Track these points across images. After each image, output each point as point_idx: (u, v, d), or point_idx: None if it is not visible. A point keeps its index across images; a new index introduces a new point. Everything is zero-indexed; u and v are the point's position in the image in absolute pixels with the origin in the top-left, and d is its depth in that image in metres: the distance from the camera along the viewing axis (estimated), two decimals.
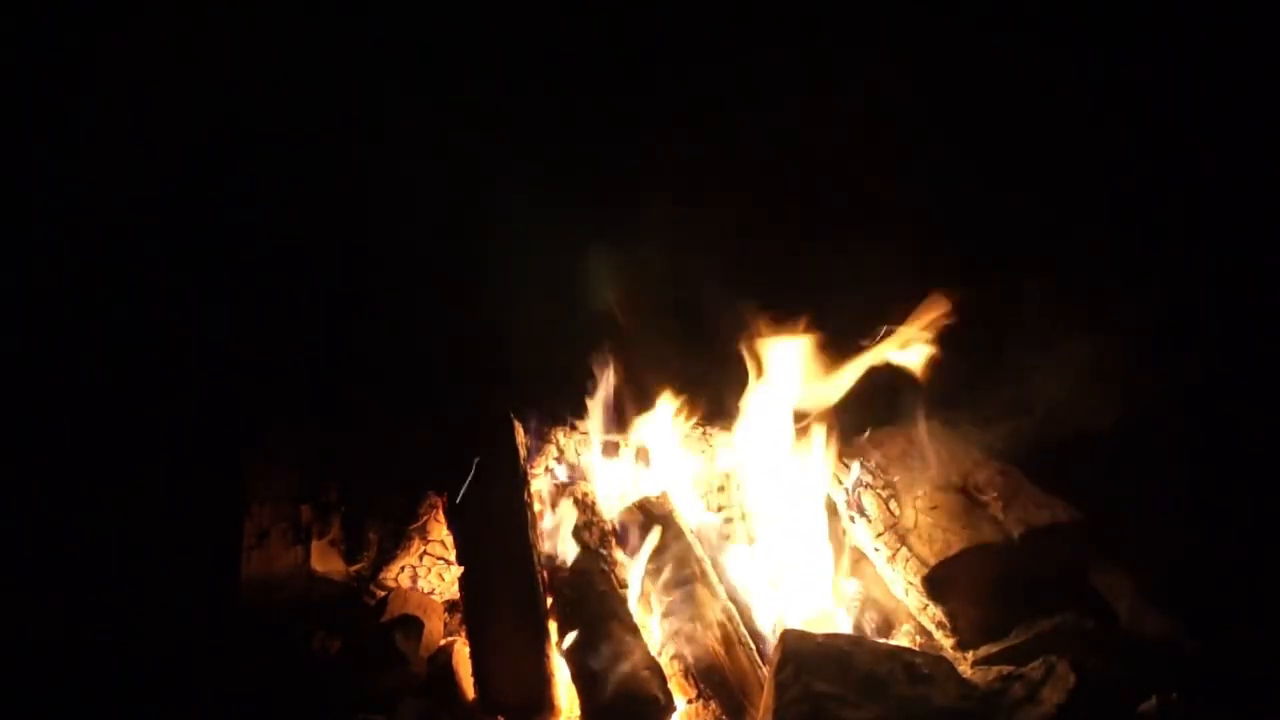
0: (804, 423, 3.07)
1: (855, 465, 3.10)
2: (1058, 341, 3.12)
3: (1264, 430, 2.98)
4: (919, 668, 2.27)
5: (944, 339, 2.97)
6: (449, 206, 3.72)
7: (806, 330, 3.02)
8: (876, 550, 2.95)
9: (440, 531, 3.05)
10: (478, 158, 3.67)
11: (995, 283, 3.32)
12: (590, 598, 2.66)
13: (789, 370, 3.03)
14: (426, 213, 3.73)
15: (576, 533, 2.90)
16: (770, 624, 2.83)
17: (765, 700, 2.30)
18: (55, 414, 3.28)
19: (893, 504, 2.98)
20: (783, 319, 3.05)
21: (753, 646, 2.61)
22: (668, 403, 3.26)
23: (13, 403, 3.24)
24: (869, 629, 2.94)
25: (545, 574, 2.77)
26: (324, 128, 3.77)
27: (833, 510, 3.12)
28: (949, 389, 3.08)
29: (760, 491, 3.14)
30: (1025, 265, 3.41)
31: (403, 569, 3.04)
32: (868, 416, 3.23)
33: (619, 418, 3.24)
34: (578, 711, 2.48)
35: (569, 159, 3.81)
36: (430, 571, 3.05)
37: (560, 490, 3.12)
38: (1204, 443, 3.02)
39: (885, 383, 3.15)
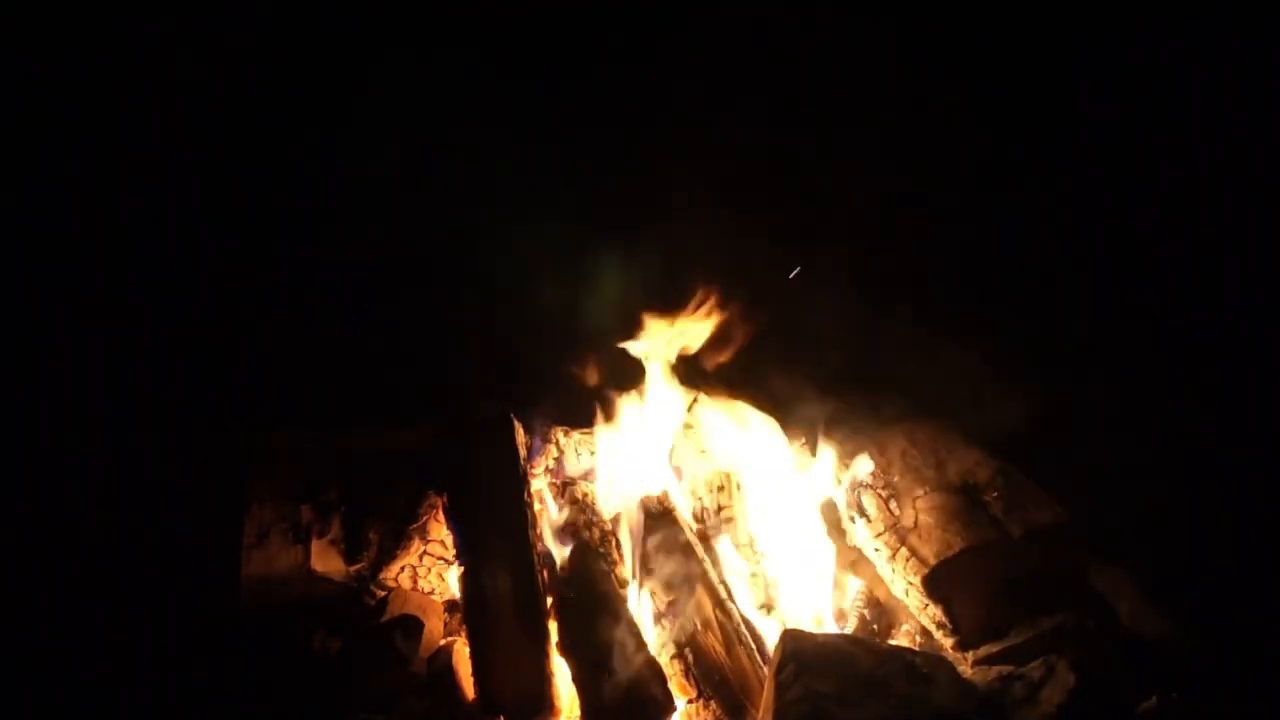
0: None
1: (855, 465, 3.10)
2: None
3: (1264, 429, 2.98)
4: (919, 668, 2.27)
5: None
6: (450, 206, 3.71)
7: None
8: (876, 550, 2.95)
9: (440, 531, 3.05)
10: (478, 155, 3.67)
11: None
12: (590, 598, 2.66)
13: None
14: (427, 212, 3.72)
15: (576, 533, 2.90)
16: (770, 624, 2.83)
17: (765, 700, 2.30)
18: (54, 413, 3.27)
19: (893, 504, 2.98)
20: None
21: (753, 646, 2.61)
22: (669, 401, 3.26)
23: (12, 402, 3.24)
24: (869, 629, 2.94)
25: (545, 574, 2.77)
26: (323, 125, 3.77)
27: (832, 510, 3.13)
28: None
29: (759, 492, 3.14)
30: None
31: (403, 569, 3.03)
32: (868, 417, 3.23)
33: (618, 417, 3.24)
34: (578, 711, 2.49)
35: (570, 154, 3.81)
36: (430, 571, 3.05)
37: (560, 490, 3.12)
38: (1204, 442, 3.02)
39: (885, 384, 3.16)
